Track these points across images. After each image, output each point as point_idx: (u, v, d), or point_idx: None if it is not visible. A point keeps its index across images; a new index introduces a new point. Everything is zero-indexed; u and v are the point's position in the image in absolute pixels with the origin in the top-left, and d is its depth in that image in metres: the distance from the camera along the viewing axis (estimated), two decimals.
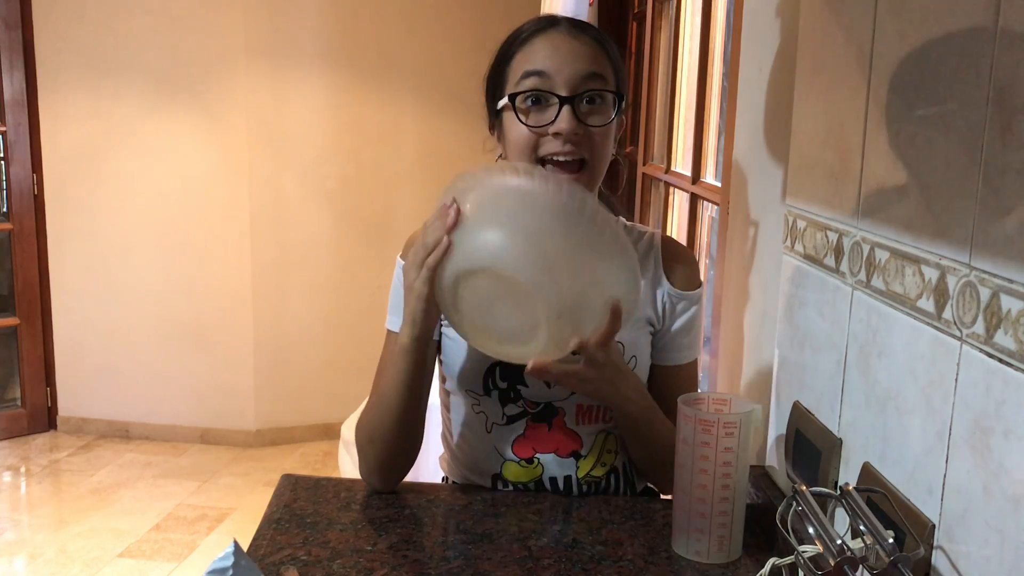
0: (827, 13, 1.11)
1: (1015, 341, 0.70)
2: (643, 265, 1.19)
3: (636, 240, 1.22)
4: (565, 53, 1.09)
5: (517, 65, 1.11)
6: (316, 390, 4.14)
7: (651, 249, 1.22)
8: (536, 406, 1.18)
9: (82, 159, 3.97)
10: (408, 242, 1.20)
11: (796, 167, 1.21)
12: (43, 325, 4.11)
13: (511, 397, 1.17)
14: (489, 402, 1.18)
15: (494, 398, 1.17)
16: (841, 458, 1.03)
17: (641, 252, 1.20)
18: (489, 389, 1.17)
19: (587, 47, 1.11)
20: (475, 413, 1.20)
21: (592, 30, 1.14)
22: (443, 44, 4.05)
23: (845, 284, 1.02)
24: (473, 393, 1.19)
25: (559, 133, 1.07)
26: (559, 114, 1.08)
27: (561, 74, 1.08)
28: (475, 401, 1.19)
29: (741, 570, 1.02)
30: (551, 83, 1.08)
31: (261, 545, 1.04)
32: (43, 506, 3.48)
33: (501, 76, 1.14)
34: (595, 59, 1.11)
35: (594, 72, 1.10)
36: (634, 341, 1.18)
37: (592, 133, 1.09)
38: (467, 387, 1.18)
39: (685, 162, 2.59)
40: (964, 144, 0.77)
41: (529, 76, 1.09)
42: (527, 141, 1.10)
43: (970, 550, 0.75)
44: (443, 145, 4.12)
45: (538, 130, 1.09)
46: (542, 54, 1.10)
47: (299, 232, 4.03)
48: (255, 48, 3.86)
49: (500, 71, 1.14)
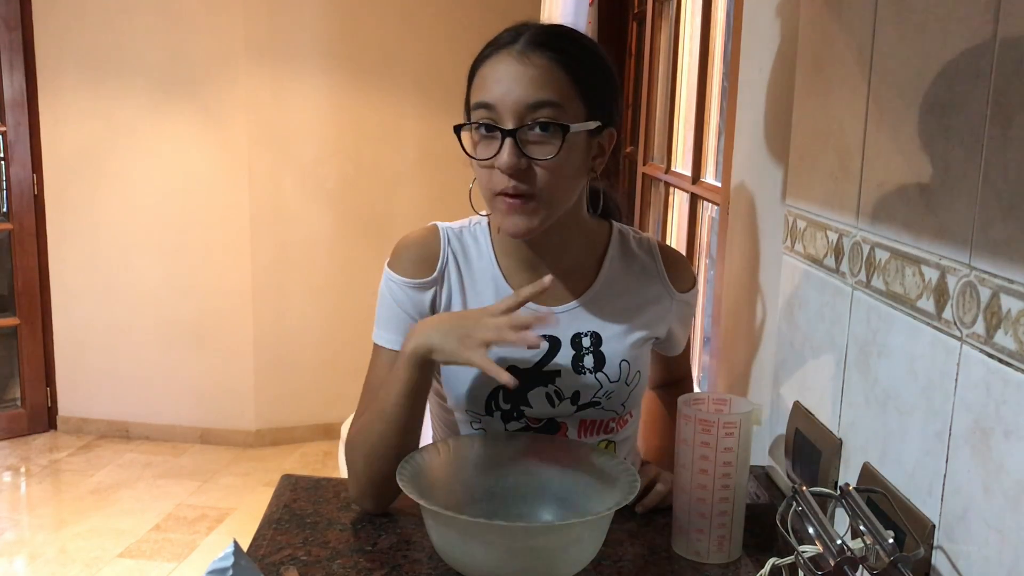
0: (827, 13, 1.11)
1: (1015, 341, 0.70)
2: (649, 277, 1.18)
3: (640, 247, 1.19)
4: (510, 81, 1.02)
5: (473, 90, 1.07)
6: (316, 390, 4.14)
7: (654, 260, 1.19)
8: (539, 422, 1.15)
9: (82, 159, 3.97)
10: (396, 250, 1.15)
11: (796, 167, 1.21)
12: (43, 325, 4.11)
13: (514, 416, 1.14)
14: (491, 421, 1.15)
15: (496, 418, 1.14)
16: (841, 458, 1.03)
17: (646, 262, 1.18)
18: (491, 411, 1.14)
19: (538, 71, 1.01)
20: (473, 429, 1.17)
21: (551, 48, 1.03)
22: (443, 44, 4.05)
23: (845, 284, 1.02)
24: (473, 412, 1.15)
25: (500, 167, 1.02)
26: (501, 147, 1.01)
27: (504, 105, 1.01)
28: (475, 419, 1.16)
29: (741, 570, 1.02)
30: (497, 115, 1.02)
31: (261, 545, 1.04)
32: (43, 506, 3.48)
33: (467, 97, 1.09)
34: (546, 85, 1.01)
35: (541, 100, 1.01)
36: (637, 356, 1.16)
37: (540, 167, 1.02)
38: (467, 407, 1.14)
39: (685, 162, 2.59)
40: (964, 144, 0.77)
41: (478, 108, 1.04)
42: (480, 174, 1.06)
43: (970, 550, 0.75)
44: (443, 145, 4.11)
45: (486, 164, 1.04)
46: (489, 82, 1.03)
47: (299, 232, 4.03)
48: (255, 48, 3.85)
49: (467, 91, 1.09)
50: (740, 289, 1.55)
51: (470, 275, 1.14)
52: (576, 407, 1.14)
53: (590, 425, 1.16)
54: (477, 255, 1.15)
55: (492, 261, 1.14)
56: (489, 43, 1.08)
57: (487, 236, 1.16)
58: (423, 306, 1.13)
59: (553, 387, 1.12)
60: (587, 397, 1.13)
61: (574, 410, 1.14)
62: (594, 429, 1.17)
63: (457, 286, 1.14)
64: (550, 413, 1.14)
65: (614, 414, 1.16)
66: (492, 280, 1.14)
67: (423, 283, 1.13)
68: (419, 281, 1.13)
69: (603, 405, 1.14)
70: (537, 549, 0.91)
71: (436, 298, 1.13)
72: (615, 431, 1.18)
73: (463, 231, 1.17)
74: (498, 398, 1.13)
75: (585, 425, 1.16)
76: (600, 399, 1.14)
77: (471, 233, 1.16)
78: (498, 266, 1.14)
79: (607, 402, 1.14)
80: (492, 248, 1.15)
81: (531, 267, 1.13)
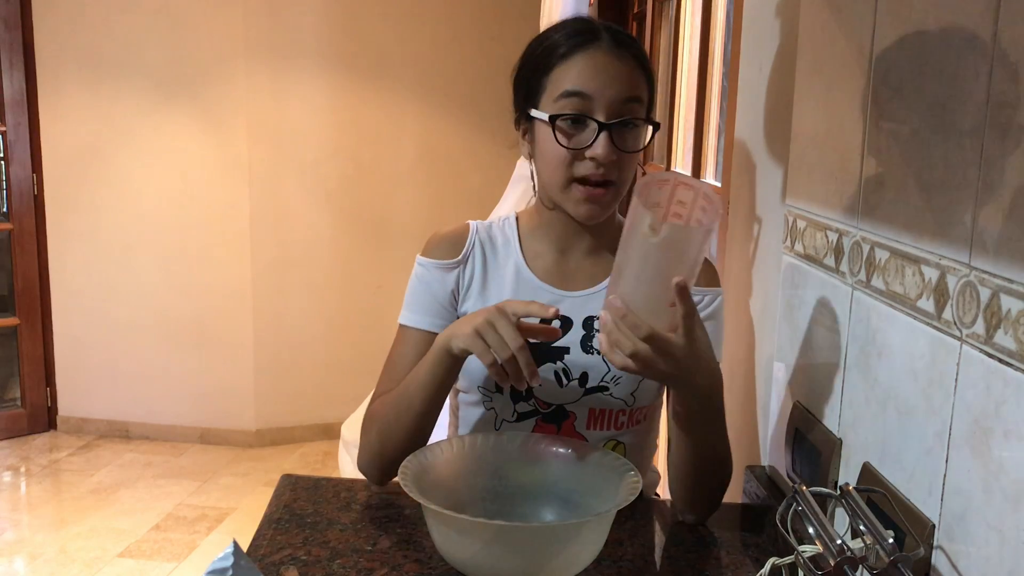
0: (827, 13, 1.12)
1: (1015, 341, 0.70)
2: None
3: None
4: (607, 75, 1.09)
5: (557, 78, 1.11)
6: (316, 390, 4.14)
7: None
8: (548, 407, 1.18)
9: (82, 159, 3.97)
10: (428, 240, 1.22)
11: (796, 167, 1.21)
12: (43, 325, 4.11)
13: (523, 395, 1.17)
14: (501, 399, 1.18)
15: (506, 395, 1.18)
16: (841, 458, 1.03)
17: None
18: (500, 387, 1.17)
19: (628, 68, 1.10)
20: (486, 410, 1.20)
21: (633, 46, 1.13)
22: (443, 44, 4.05)
23: (845, 284, 1.02)
24: (485, 390, 1.19)
25: (594, 158, 1.09)
26: (596, 139, 1.08)
27: (602, 98, 1.08)
28: (486, 398, 1.19)
29: (741, 570, 1.02)
30: (591, 106, 1.09)
31: (261, 545, 1.04)
32: (43, 506, 3.48)
33: (537, 84, 1.13)
34: (634, 81, 1.11)
35: (633, 96, 1.10)
36: None
37: (624, 156, 1.10)
38: (479, 384, 1.19)
39: (685, 162, 2.59)
40: (964, 144, 0.77)
41: (570, 96, 1.09)
42: (562, 160, 1.11)
43: (970, 550, 0.75)
44: (443, 145, 4.12)
45: (574, 153, 1.10)
46: (585, 74, 1.09)
47: (299, 232, 4.03)
48: (255, 48, 3.85)
49: (537, 78, 1.13)
50: (740, 289, 1.55)
51: (495, 260, 1.21)
52: (584, 390, 1.16)
53: (599, 416, 1.18)
54: (503, 243, 1.22)
55: (516, 248, 1.22)
56: (556, 38, 1.13)
57: (514, 228, 1.24)
58: (448, 286, 1.19)
59: (562, 364, 1.16)
60: (595, 380, 1.16)
61: (582, 393, 1.16)
62: (602, 421, 1.18)
63: (480, 269, 1.21)
64: (558, 395, 1.17)
65: (623, 404, 1.17)
66: (514, 265, 1.21)
67: (449, 264, 1.20)
68: (445, 262, 1.20)
69: (611, 391, 1.16)
70: (538, 549, 0.91)
71: (460, 278, 1.20)
72: (624, 427, 1.19)
73: (492, 225, 1.25)
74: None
75: (594, 415, 1.18)
76: (608, 383, 1.16)
77: (499, 227, 1.24)
78: (521, 253, 1.21)
79: (615, 388, 1.16)
80: (519, 238, 1.23)
81: (559, 250, 1.21)
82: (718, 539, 1.11)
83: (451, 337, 1.06)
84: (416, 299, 1.20)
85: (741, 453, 1.46)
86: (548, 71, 1.12)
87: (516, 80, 1.17)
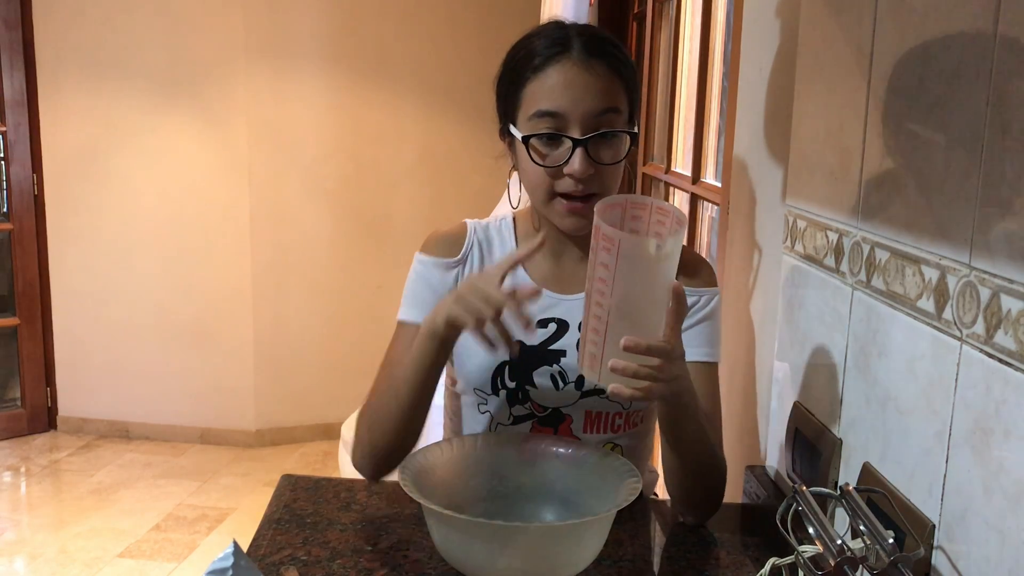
0: (827, 13, 1.11)
1: (1015, 341, 0.70)
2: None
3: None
4: (578, 89, 1.07)
5: (530, 95, 1.09)
6: (316, 390, 4.14)
7: None
8: (544, 410, 1.18)
9: (82, 159, 3.97)
10: (427, 238, 1.23)
11: (796, 167, 1.21)
12: (43, 325, 4.11)
13: (519, 398, 1.17)
14: (496, 402, 1.18)
15: (502, 398, 1.18)
16: (841, 458, 1.03)
17: None
18: (497, 388, 1.17)
19: (600, 79, 1.07)
20: (480, 413, 1.20)
21: (607, 53, 1.09)
22: (443, 44, 4.05)
23: (845, 284, 1.02)
24: (481, 392, 1.19)
25: (571, 174, 1.08)
26: (572, 155, 1.07)
27: (575, 113, 1.07)
28: (482, 400, 1.19)
29: (741, 570, 1.02)
30: (564, 123, 1.07)
31: (261, 545, 1.04)
32: (43, 506, 3.48)
33: (514, 98, 1.12)
34: (610, 92, 1.08)
35: (607, 108, 1.08)
36: None
37: (604, 168, 1.09)
38: (475, 386, 1.18)
39: (685, 162, 2.59)
40: (964, 144, 0.77)
41: (543, 116, 1.08)
42: (542, 179, 1.10)
43: (970, 550, 0.75)
44: (443, 145, 4.12)
45: (552, 170, 1.09)
46: (556, 92, 1.07)
47: (299, 232, 4.03)
48: (255, 48, 3.85)
49: (513, 92, 1.12)
50: (740, 289, 1.55)
51: (491, 261, 1.22)
52: (580, 392, 1.16)
53: (595, 419, 1.18)
54: (500, 243, 1.23)
55: (512, 249, 1.22)
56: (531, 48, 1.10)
57: (511, 229, 1.24)
58: (447, 284, 1.20)
59: (558, 367, 1.16)
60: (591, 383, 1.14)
61: (578, 396, 1.16)
62: (599, 425, 1.18)
63: (478, 269, 1.21)
64: (555, 397, 1.17)
65: (619, 408, 1.18)
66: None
67: (449, 262, 1.21)
68: (445, 260, 1.21)
69: (608, 395, 1.15)
70: (537, 549, 0.91)
71: (459, 278, 1.20)
72: (621, 430, 1.19)
73: (489, 225, 1.25)
74: (504, 375, 1.17)
75: (590, 418, 1.18)
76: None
77: (496, 228, 1.25)
78: None
79: None
80: (515, 238, 1.23)
81: (554, 254, 1.20)
82: (718, 539, 1.11)
83: (435, 315, 1.06)
84: (415, 295, 1.20)
85: (741, 453, 1.46)
86: (522, 85, 1.10)
87: (497, 91, 1.16)
